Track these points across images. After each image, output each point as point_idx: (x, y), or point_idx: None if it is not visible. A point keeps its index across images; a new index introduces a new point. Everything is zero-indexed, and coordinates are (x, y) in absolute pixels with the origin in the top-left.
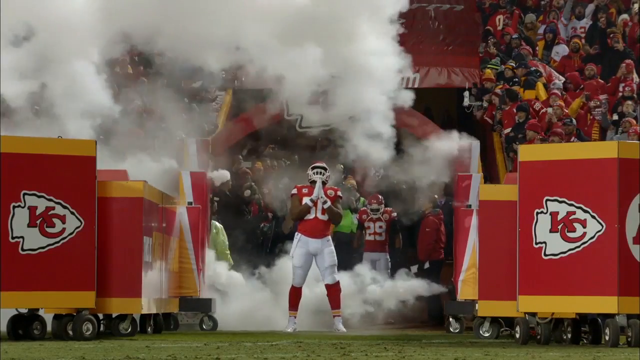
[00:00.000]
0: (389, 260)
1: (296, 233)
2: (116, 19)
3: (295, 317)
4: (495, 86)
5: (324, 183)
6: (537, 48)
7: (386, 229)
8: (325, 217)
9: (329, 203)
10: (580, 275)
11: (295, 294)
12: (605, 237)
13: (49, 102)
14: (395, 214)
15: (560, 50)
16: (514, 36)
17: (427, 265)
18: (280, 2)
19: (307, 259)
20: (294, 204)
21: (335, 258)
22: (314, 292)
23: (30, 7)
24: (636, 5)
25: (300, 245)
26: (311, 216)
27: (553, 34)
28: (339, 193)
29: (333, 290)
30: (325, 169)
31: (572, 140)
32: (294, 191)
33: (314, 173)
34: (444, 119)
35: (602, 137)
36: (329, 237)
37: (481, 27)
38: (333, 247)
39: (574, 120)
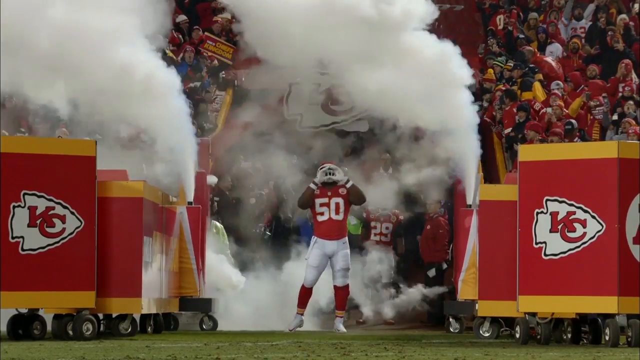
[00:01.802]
0: (393, 261)
1: (312, 236)
2: None
3: (302, 315)
4: (495, 86)
5: (335, 182)
6: (530, 47)
7: (392, 230)
8: (339, 217)
9: (351, 182)
10: (580, 275)
11: (305, 293)
12: (605, 237)
13: None
14: (402, 217)
15: (554, 50)
16: (520, 36)
17: (444, 266)
18: None
19: (322, 260)
20: (306, 192)
21: (349, 261)
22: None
23: None
24: (636, 5)
25: (316, 247)
26: (325, 217)
27: (546, 34)
28: (349, 184)
29: (341, 292)
30: (332, 169)
31: (575, 140)
32: (312, 186)
33: (323, 174)
34: None
35: (602, 137)
36: (346, 239)
37: (481, 27)
38: (348, 251)
39: (574, 123)
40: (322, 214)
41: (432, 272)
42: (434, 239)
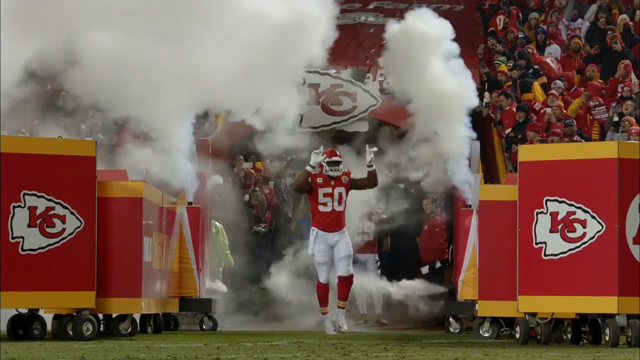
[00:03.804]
0: (378, 261)
1: (312, 228)
2: None
3: (328, 314)
4: (507, 81)
5: (335, 177)
6: (529, 49)
7: (375, 229)
8: (341, 208)
9: (374, 167)
10: (580, 275)
11: (323, 290)
12: (605, 237)
13: None
14: (385, 216)
15: (553, 51)
16: (520, 36)
17: (438, 264)
18: None
19: (328, 253)
20: (302, 175)
21: (351, 249)
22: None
23: None
24: (638, 12)
25: (318, 241)
26: (328, 209)
27: (545, 35)
28: (353, 175)
29: (345, 282)
30: (339, 162)
31: (575, 139)
32: (309, 168)
33: (331, 170)
34: None
35: (602, 137)
36: (345, 229)
37: (481, 27)
38: (349, 238)
39: (574, 121)
40: (325, 204)
41: (425, 270)
42: (431, 238)
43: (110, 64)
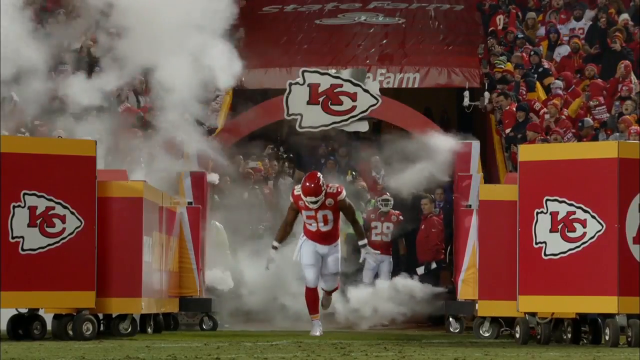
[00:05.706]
0: (392, 263)
1: (301, 235)
2: None
3: (319, 321)
4: (520, 79)
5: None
6: (541, 47)
7: (392, 230)
8: (328, 227)
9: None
10: (580, 275)
11: (312, 296)
12: (605, 237)
13: None
14: (402, 218)
15: (562, 51)
16: (519, 35)
17: (433, 265)
18: None
19: (316, 256)
20: (288, 213)
21: (339, 266)
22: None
23: None
24: None
25: (307, 244)
26: (313, 228)
27: (557, 35)
28: (341, 197)
29: (330, 294)
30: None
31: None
32: (291, 199)
33: (310, 202)
34: (444, 119)
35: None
36: (337, 242)
37: (481, 27)
38: (339, 254)
39: (591, 121)
40: (310, 224)
41: (420, 270)
42: (427, 238)
43: None
